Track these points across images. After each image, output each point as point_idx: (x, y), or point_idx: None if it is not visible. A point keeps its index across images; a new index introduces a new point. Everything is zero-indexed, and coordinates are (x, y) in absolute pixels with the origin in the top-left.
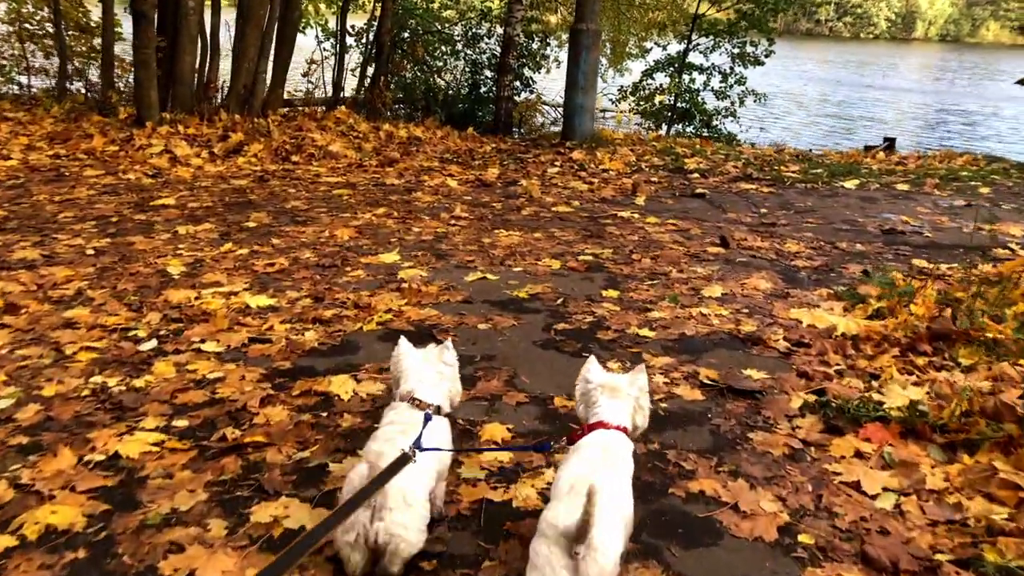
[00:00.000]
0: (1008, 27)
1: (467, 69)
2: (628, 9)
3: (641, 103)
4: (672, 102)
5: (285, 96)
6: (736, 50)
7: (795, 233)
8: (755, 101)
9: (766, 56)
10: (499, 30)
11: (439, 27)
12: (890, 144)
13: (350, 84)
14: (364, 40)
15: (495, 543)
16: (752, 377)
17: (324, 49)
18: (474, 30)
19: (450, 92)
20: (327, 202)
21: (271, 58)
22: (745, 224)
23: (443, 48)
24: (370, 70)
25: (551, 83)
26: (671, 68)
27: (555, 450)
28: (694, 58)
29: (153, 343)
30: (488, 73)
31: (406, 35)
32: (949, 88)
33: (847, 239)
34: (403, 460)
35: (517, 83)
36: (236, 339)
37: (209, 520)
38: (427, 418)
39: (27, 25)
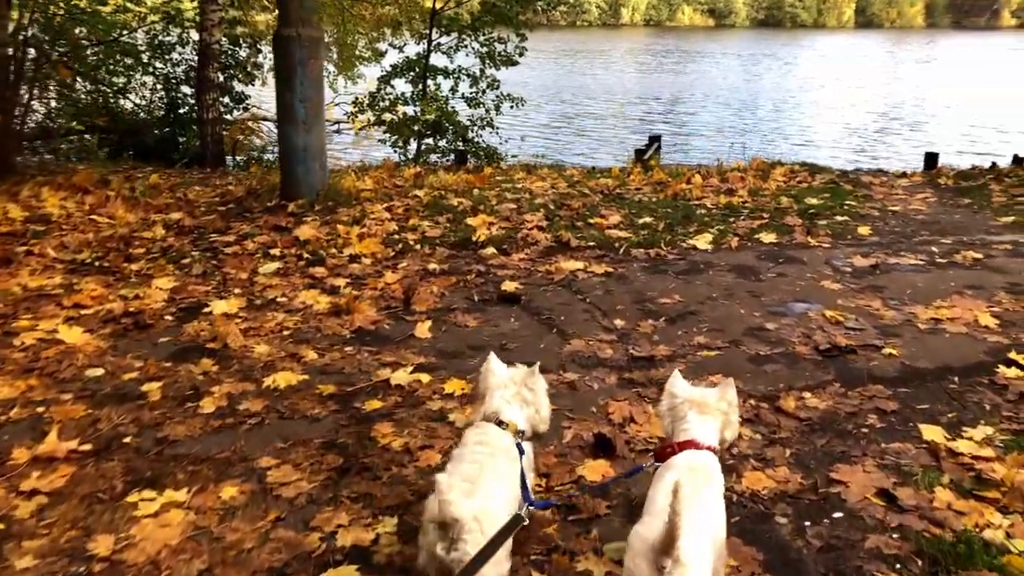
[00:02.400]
0: (699, 11)
1: (159, 86)
2: (352, 5)
3: (382, 115)
4: (419, 113)
5: None
6: (484, 49)
7: (695, 378)
8: (512, 106)
9: (519, 54)
10: (195, 36)
11: (115, 34)
12: (657, 144)
13: None
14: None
15: None
16: None
17: None
18: (161, 37)
19: (140, 116)
20: None
21: None
22: (605, 362)
23: (125, 61)
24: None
25: (270, 96)
26: (412, 73)
27: (648, 468)
28: (438, 60)
29: None
30: (187, 90)
31: (62, 49)
32: (663, 76)
33: (783, 381)
34: (515, 523)
35: (226, 100)
36: None
37: None
38: (520, 450)
39: None
